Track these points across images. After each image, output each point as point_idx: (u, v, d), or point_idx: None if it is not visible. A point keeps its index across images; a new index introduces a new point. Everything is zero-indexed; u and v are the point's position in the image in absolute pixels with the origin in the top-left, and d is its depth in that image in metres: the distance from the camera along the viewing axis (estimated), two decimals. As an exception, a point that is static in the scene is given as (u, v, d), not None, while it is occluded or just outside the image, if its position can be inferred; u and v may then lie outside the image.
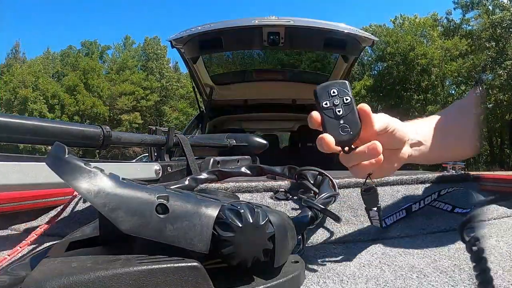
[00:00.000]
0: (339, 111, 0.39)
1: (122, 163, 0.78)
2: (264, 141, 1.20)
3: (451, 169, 0.95)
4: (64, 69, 28.81)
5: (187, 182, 0.67)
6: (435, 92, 22.12)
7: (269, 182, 0.70)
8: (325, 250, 0.50)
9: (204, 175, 0.72)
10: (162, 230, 0.28)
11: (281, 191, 0.67)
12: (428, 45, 22.28)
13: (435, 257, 0.45)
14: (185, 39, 2.15)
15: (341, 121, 0.39)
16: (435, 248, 0.48)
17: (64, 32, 49.38)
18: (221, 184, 0.70)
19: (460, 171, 0.92)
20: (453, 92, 22.28)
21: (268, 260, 0.31)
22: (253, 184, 0.68)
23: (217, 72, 2.71)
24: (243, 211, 0.29)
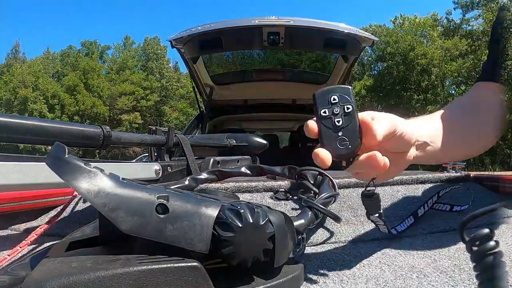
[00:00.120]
0: (338, 121, 0.36)
1: (122, 163, 0.78)
2: (264, 141, 1.20)
3: (451, 169, 0.95)
4: (64, 69, 28.81)
5: (187, 182, 0.67)
6: (435, 92, 22.11)
7: (269, 182, 0.70)
8: (325, 250, 0.50)
9: (204, 175, 0.72)
10: (162, 230, 0.28)
11: (281, 191, 0.67)
12: (428, 45, 22.28)
13: (435, 257, 0.45)
14: (185, 39, 2.15)
15: (340, 133, 0.36)
16: (435, 248, 0.48)
17: (64, 32, 49.45)
18: (221, 184, 0.70)
19: (460, 171, 0.92)
20: (453, 92, 22.28)
21: (268, 260, 0.31)
22: (253, 184, 0.68)
23: (217, 72, 2.71)
24: (243, 211, 0.29)
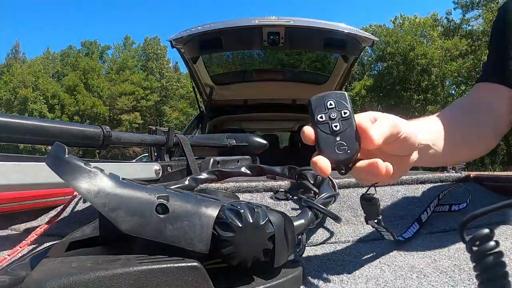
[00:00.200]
0: (335, 126, 0.35)
1: (122, 163, 0.78)
2: (264, 141, 1.20)
3: (451, 169, 0.96)
4: (64, 69, 28.83)
5: (187, 182, 0.67)
6: (435, 92, 22.12)
7: (269, 182, 0.70)
8: (325, 250, 0.50)
9: (204, 175, 0.72)
10: (162, 230, 0.28)
11: (281, 191, 0.67)
12: (428, 45, 22.30)
13: (435, 257, 0.45)
14: (185, 39, 2.15)
15: (338, 138, 0.35)
16: (435, 248, 0.48)
17: (64, 32, 49.54)
18: (221, 184, 0.70)
19: (460, 171, 0.92)
20: (453, 92, 22.30)
21: (268, 260, 0.31)
22: (253, 184, 0.68)
23: (217, 72, 2.71)
24: (243, 211, 0.29)
